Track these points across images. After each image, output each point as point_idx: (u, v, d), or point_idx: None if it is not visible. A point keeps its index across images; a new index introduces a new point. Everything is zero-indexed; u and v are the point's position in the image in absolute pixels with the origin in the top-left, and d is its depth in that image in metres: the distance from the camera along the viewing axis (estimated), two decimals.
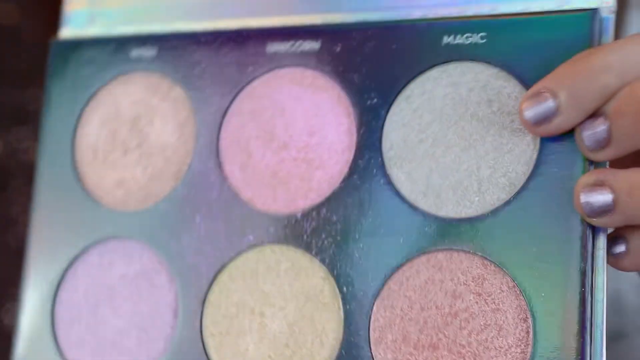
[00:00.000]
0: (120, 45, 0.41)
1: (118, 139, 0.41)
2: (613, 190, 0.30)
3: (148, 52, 0.41)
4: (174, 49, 0.40)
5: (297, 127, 0.37)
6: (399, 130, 0.35)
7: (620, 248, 0.32)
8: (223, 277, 0.37)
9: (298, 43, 0.38)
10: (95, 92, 0.41)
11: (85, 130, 0.41)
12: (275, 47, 0.38)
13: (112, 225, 0.40)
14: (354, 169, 0.36)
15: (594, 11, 0.33)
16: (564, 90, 0.31)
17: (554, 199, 0.32)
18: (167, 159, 0.39)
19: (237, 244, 0.37)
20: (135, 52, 0.41)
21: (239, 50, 0.39)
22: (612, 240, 0.32)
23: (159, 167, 0.39)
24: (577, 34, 0.33)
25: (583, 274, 0.31)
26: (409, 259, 0.34)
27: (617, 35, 0.34)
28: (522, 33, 0.34)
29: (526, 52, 0.34)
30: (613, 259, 0.32)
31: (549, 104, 0.31)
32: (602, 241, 0.32)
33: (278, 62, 0.38)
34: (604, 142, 0.31)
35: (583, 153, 0.32)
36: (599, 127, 0.31)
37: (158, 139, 0.40)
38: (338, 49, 0.37)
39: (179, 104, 0.40)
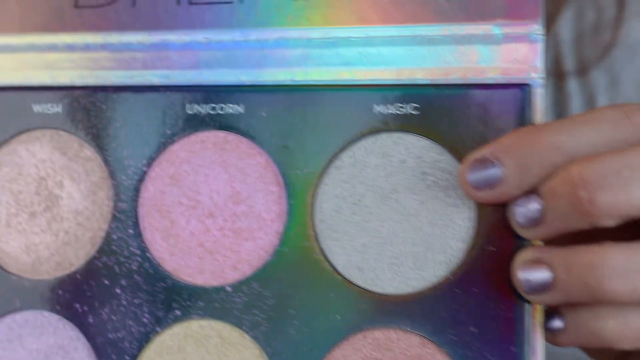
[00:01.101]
0: (20, 98, 0.38)
1: (23, 201, 0.38)
2: (552, 268, 0.31)
3: (52, 108, 0.38)
4: (82, 106, 0.37)
5: (223, 194, 0.36)
6: (331, 201, 0.35)
7: (558, 324, 0.32)
8: (148, 353, 0.36)
9: (219, 106, 0.36)
10: None
11: None
12: (196, 108, 0.36)
13: (22, 295, 0.37)
14: (285, 240, 0.35)
15: (525, 86, 0.33)
16: (512, 161, 0.31)
17: (492, 276, 0.32)
18: (80, 224, 0.37)
19: (163, 319, 0.35)
20: (38, 107, 0.38)
21: (155, 110, 0.37)
22: (549, 316, 0.32)
23: (72, 232, 0.37)
24: (510, 108, 0.33)
25: (521, 351, 0.32)
26: (345, 337, 0.34)
27: (558, 102, 0.34)
28: (456, 106, 0.33)
29: (459, 125, 0.33)
30: (550, 335, 0.32)
31: (496, 170, 0.31)
32: (539, 318, 0.32)
33: (199, 124, 0.36)
34: (536, 222, 0.31)
35: (513, 228, 0.32)
36: (533, 206, 0.31)
37: (69, 202, 0.37)
38: (264, 113, 0.35)
39: (92, 165, 0.37)
